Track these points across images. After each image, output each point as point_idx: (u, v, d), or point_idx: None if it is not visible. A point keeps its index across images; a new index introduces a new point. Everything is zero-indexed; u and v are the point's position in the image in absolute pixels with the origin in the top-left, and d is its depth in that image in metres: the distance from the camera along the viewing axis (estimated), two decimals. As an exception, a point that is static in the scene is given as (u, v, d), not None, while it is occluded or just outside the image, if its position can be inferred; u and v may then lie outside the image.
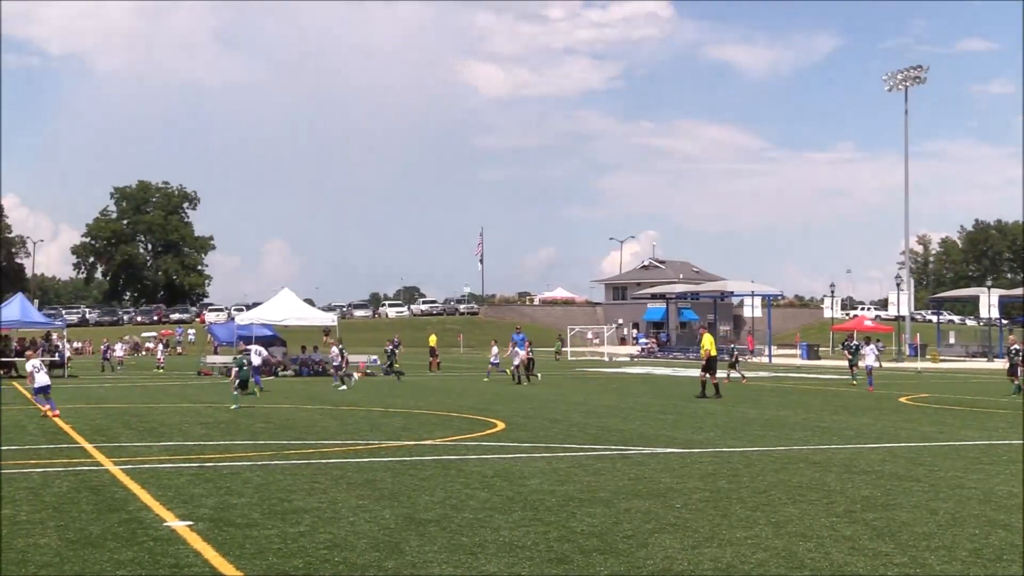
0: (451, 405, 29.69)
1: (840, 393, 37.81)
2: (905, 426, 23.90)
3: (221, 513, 12.03)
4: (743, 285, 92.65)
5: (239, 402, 28.90)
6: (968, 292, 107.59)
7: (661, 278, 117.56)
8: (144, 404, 29.98)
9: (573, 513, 12.15)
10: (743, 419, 25.44)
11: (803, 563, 9.71)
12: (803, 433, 22.12)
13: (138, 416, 25.80)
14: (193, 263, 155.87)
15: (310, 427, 23.29)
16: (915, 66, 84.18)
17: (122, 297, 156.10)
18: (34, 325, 51.42)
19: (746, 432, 22.27)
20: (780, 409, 28.86)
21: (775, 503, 12.94)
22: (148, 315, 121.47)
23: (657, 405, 30.16)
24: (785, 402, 32.09)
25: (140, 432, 21.93)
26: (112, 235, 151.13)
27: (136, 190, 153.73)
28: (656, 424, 23.94)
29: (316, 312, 59.55)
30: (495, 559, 9.80)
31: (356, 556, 9.89)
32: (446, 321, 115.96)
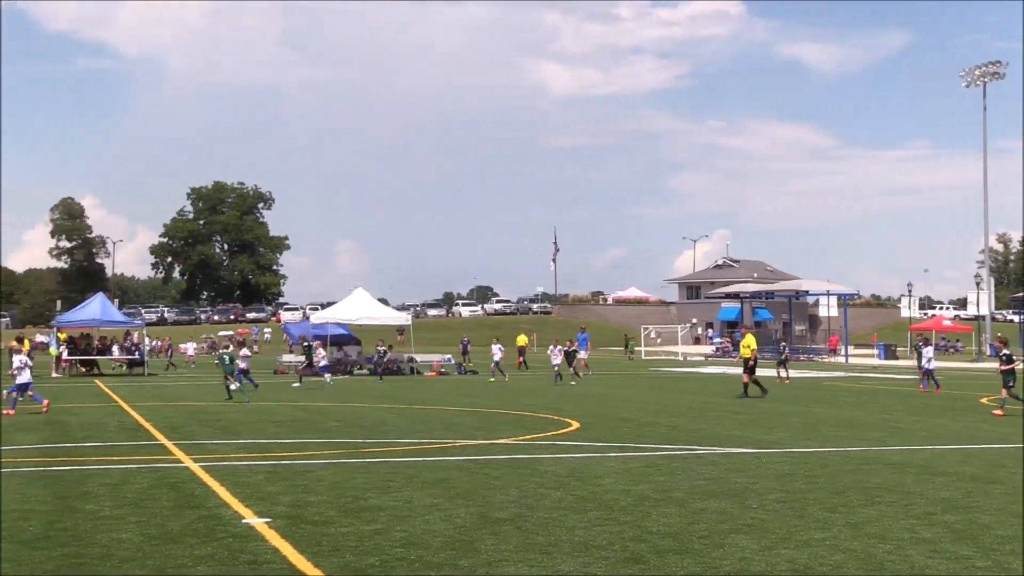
0: (524, 404, 29.70)
1: (917, 393, 37.29)
2: (984, 427, 23.52)
3: (297, 510, 12.14)
4: (818, 284, 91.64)
5: (244, 395, 30.65)
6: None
7: (735, 277, 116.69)
8: (220, 402, 30.32)
9: (647, 513, 12.10)
10: (818, 419, 25.18)
11: (882, 565, 9.59)
12: (880, 434, 21.85)
13: (214, 414, 26.12)
14: (268, 263, 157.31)
15: (383, 426, 23.43)
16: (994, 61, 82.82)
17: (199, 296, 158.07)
18: (114, 324, 52.27)
19: (821, 432, 22.05)
20: (856, 409, 28.53)
21: (852, 504, 12.80)
22: (224, 314, 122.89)
23: (731, 405, 29.94)
24: (861, 402, 31.72)
25: (216, 430, 22.20)
26: (188, 235, 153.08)
27: (212, 190, 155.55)
28: (730, 424, 23.78)
29: (390, 311, 59.91)
30: (569, 558, 9.79)
31: (430, 554, 9.93)
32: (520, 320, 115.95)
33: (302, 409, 27.97)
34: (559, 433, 21.63)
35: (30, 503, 12.68)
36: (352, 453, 18.02)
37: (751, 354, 34.22)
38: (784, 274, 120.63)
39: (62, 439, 20.25)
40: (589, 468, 16.06)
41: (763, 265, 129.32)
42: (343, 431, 22.15)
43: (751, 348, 34.34)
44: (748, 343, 34.69)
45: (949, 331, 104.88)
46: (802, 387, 40.75)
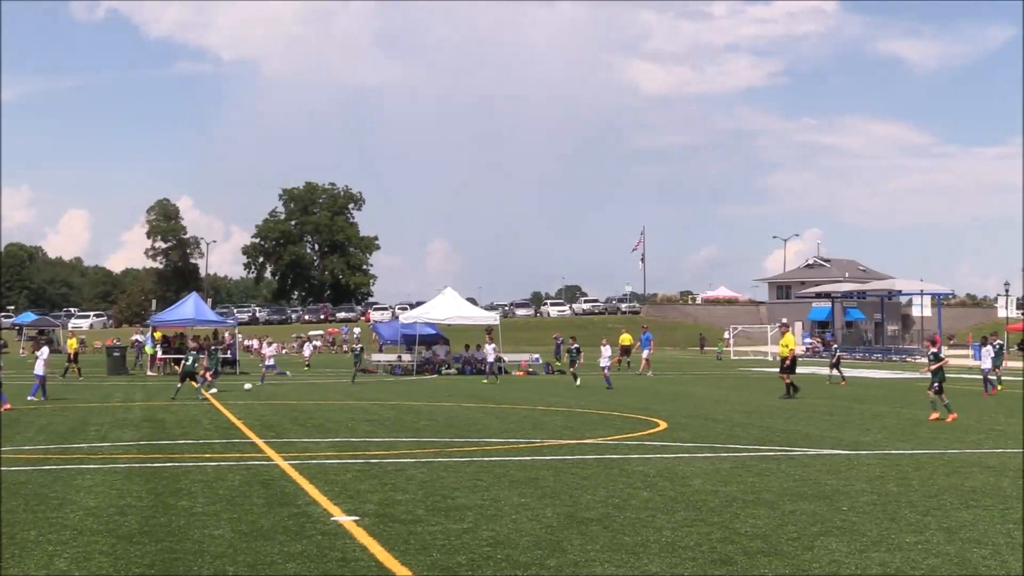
0: (613, 404, 29.62)
1: (1015, 395, 36.52)
2: (1085, 430, 22.97)
3: (386, 509, 12.24)
4: (911, 284, 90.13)
5: (204, 394, 31.36)
6: None
7: (826, 276, 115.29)
8: (311, 401, 30.67)
9: (736, 514, 12.01)
10: (912, 421, 24.78)
11: (977, 570, 9.42)
12: (976, 436, 21.45)
13: (305, 413, 26.42)
14: (358, 263, 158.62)
15: (472, 425, 23.51)
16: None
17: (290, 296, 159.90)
18: (207, 323, 53.07)
19: (915, 434, 21.69)
20: (951, 411, 27.99)
21: (947, 508, 12.58)
22: (315, 314, 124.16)
23: (822, 406, 29.57)
24: (956, 404, 31.12)
25: (307, 428, 22.46)
26: (280, 236, 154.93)
27: (303, 191, 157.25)
28: (821, 425, 23.50)
29: (478, 311, 60.04)
30: (657, 559, 9.75)
31: (518, 554, 9.95)
32: (608, 320, 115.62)
33: (394, 408, 28.18)
34: (648, 433, 21.55)
35: (128, 498, 12.95)
36: (441, 452, 18.12)
37: (789, 353, 33.52)
38: (877, 273, 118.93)
39: (159, 436, 20.63)
40: (678, 468, 15.98)
41: (855, 264, 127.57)
42: (433, 430, 22.27)
43: (789, 347, 33.74)
44: (787, 342, 34.01)
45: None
46: (896, 388, 40.12)
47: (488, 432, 21.83)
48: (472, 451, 18.32)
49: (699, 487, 14.08)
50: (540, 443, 19.61)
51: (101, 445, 18.95)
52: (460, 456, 17.60)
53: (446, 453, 17.98)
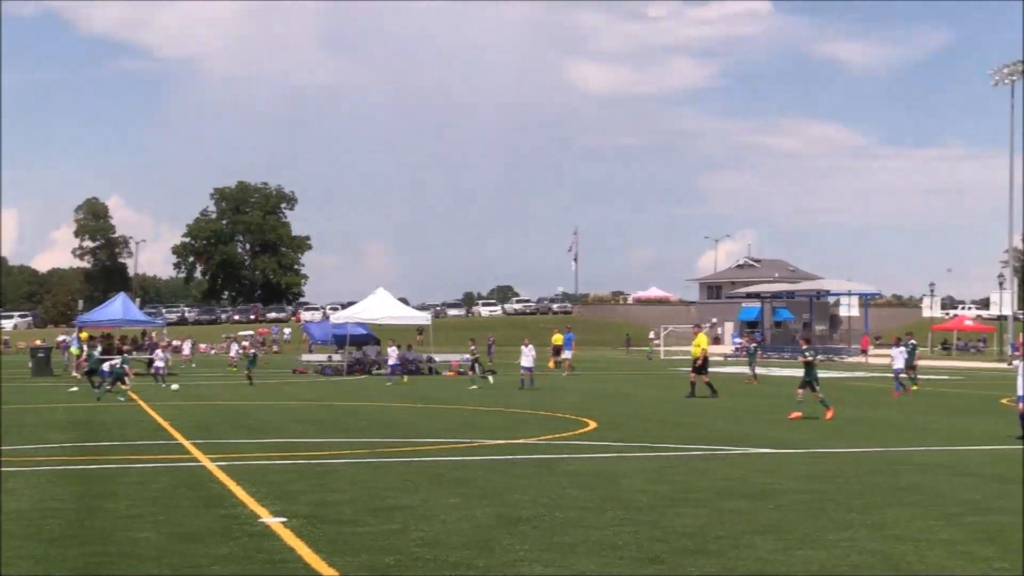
0: (545, 404, 29.68)
1: (941, 394, 37.14)
2: (1007, 428, 23.35)
3: (316, 510, 12.16)
4: (840, 284, 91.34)
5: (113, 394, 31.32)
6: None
7: (756, 277, 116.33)
8: (242, 402, 30.42)
9: (666, 513, 12.07)
10: (842, 420, 25.06)
11: (900, 567, 9.55)
12: (904, 434, 21.77)
13: (236, 414, 26.20)
14: (290, 262, 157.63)
15: (405, 425, 23.45)
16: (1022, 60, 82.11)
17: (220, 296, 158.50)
18: (135, 323, 52.46)
19: (845, 433, 21.95)
20: (879, 410, 28.41)
21: (874, 505, 12.74)
22: (245, 314, 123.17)
23: (752, 405, 29.85)
24: (884, 403, 31.59)
25: (238, 429, 22.27)
26: (211, 235, 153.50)
27: (235, 191, 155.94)
28: (751, 424, 23.71)
29: (410, 311, 59.90)
30: (588, 558, 9.77)
31: (448, 554, 9.93)
32: (540, 320, 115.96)
33: (327, 408, 28.04)
34: (579, 433, 21.61)
35: (54, 502, 12.76)
36: (373, 452, 18.04)
37: (701, 353, 33.48)
38: (806, 274, 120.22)
39: (86, 438, 20.34)
40: (609, 468, 16.04)
41: (785, 265, 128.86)
42: (365, 430, 22.18)
43: (701, 347, 33.82)
44: (699, 342, 34.08)
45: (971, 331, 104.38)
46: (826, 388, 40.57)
47: (420, 432, 21.78)
48: (404, 451, 18.27)
49: (630, 486, 14.14)
50: (472, 443, 19.59)
51: (26, 447, 18.64)
52: (392, 456, 17.54)
53: (378, 454, 17.91)
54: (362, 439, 20.36)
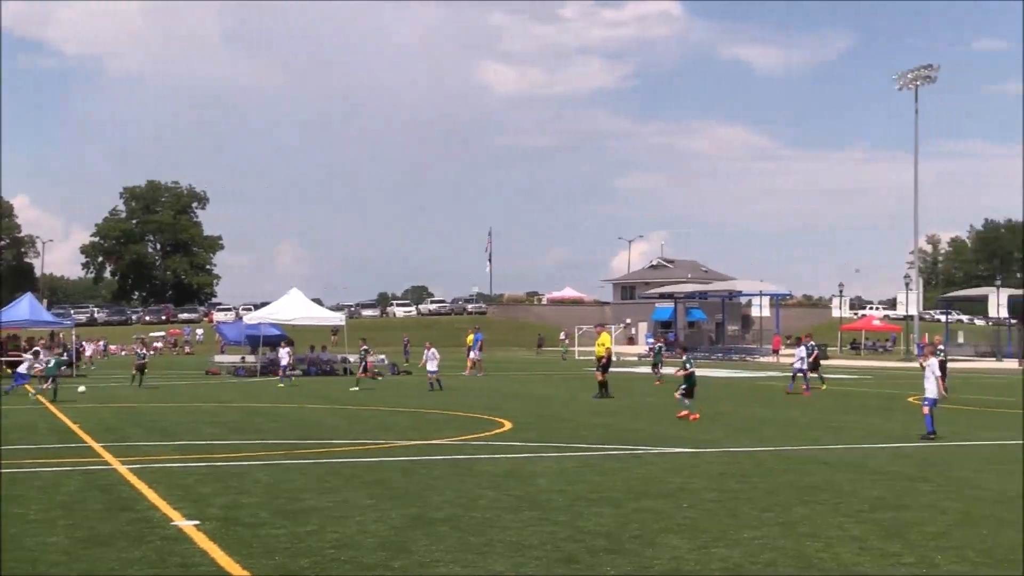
0: (460, 405, 29.67)
1: (849, 393, 37.75)
2: (915, 426, 23.81)
3: (230, 512, 12.04)
4: (751, 284, 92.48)
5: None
6: (977, 292, 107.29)
7: (670, 277, 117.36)
8: (153, 404, 30.02)
9: (581, 513, 12.13)
10: (753, 419, 25.40)
11: (812, 563, 9.69)
12: (813, 433, 22.08)
13: (147, 416, 25.84)
14: (202, 263, 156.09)
15: (319, 426, 23.31)
16: (925, 65, 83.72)
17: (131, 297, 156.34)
18: (42, 324, 51.51)
19: (756, 432, 22.23)
20: (790, 409, 28.81)
21: (785, 503, 12.91)
22: (156, 315, 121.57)
23: (666, 405, 30.09)
24: (795, 402, 32.03)
25: (150, 431, 21.95)
26: (121, 235, 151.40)
27: (146, 190, 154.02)
28: (665, 424, 23.91)
29: (324, 311, 59.57)
30: (503, 558, 9.79)
31: (363, 555, 9.89)
32: (455, 321, 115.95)
33: (240, 410, 27.76)
34: (494, 433, 21.63)
35: (-44, 507, 12.46)
36: (288, 454, 17.90)
37: (605, 352, 33.58)
38: (719, 274, 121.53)
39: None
40: (524, 468, 16.08)
41: (698, 265, 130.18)
42: (279, 432, 22.00)
43: (605, 346, 33.88)
44: (603, 341, 34.15)
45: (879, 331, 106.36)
46: (737, 387, 41.07)
47: (335, 434, 21.66)
48: (319, 453, 18.15)
49: (545, 486, 14.19)
50: (388, 444, 19.54)
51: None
52: (307, 458, 17.42)
53: (292, 455, 17.77)
54: (275, 441, 20.19)
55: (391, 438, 20.60)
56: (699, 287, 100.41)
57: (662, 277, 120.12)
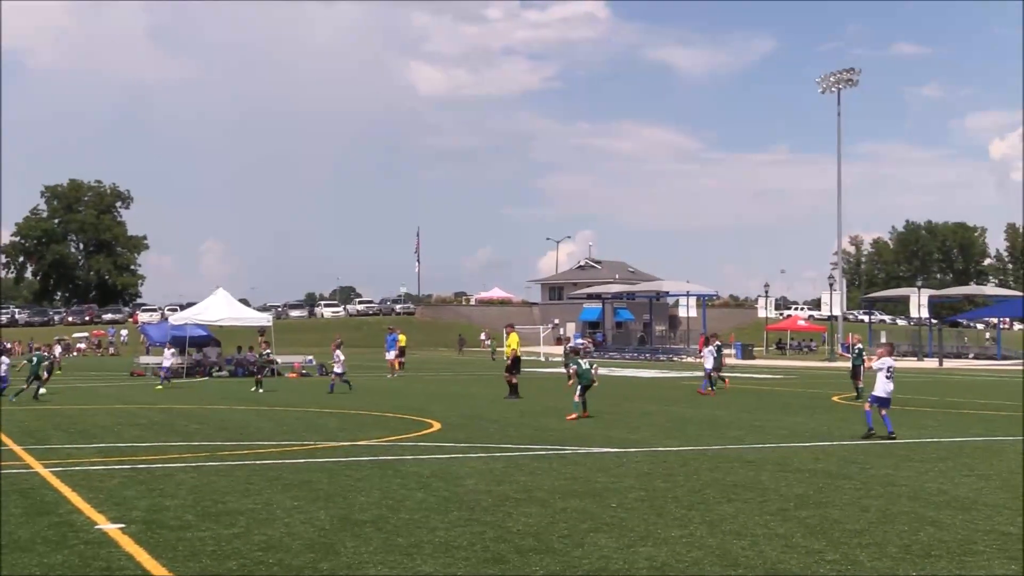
0: (388, 405, 29.59)
1: (774, 392, 38.19)
2: (838, 425, 24.17)
3: (154, 515, 11.91)
4: (678, 285, 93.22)
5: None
6: (899, 292, 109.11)
7: (597, 278, 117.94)
8: (76, 405, 29.60)
9: (509, 513, 12.16)
10: (679, 418, 25.60)
11: (737, 561, 9.80)
12: (738, 432, 22.30)
13: (69, 417, 25.47)
14: (126, 263, 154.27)
15: (245, 428, 23.13)
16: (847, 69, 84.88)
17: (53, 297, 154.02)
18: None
19: (682, 431, 22.41)
20: (715, 408, 29.06)
21: (710, 502, 13.04)
22: (79, 315, 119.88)
23: (593, 405, 30.21)
24: (720, 401, 32.32)
25: (71, 434, 21.64)
26: (43, 234, 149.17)
27: (68, 189, 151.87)
28: (591, 424, 24.02)
29: (251, 312, 59.04)
30: (431, 559, 9.79)
31: (291, 557, 9.84)
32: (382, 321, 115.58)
33: (163, 412, 27.46)
34: (422, 434, 21.60)
35: None
36: (212, 456, 17.74)
37: (512, 352, 33.54)
38: (646, 275, 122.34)
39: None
40: (452, 469, 16.08)
41: (625, 266, 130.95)
42: (204, 434, 21.79)
43: (512, 347, 33.78)
44: (511, 342, 34.09)
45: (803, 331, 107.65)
46: (663, 387, 41.36)
47: (261, 435, 21.51)
48: (244, 454, 18.02)
49: (473, 487, 14.20)
50: (314, 445, 19.44)
51: None
52: (232, 460, 17.28)
53: (217, 457, 17.62)
54: (200, 442, 20.00)
55: (318, 439, 20.50)
56: (626, 288, 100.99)
57: (590, 277, 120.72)
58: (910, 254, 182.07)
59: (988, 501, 13.24)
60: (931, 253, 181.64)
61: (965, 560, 9.90)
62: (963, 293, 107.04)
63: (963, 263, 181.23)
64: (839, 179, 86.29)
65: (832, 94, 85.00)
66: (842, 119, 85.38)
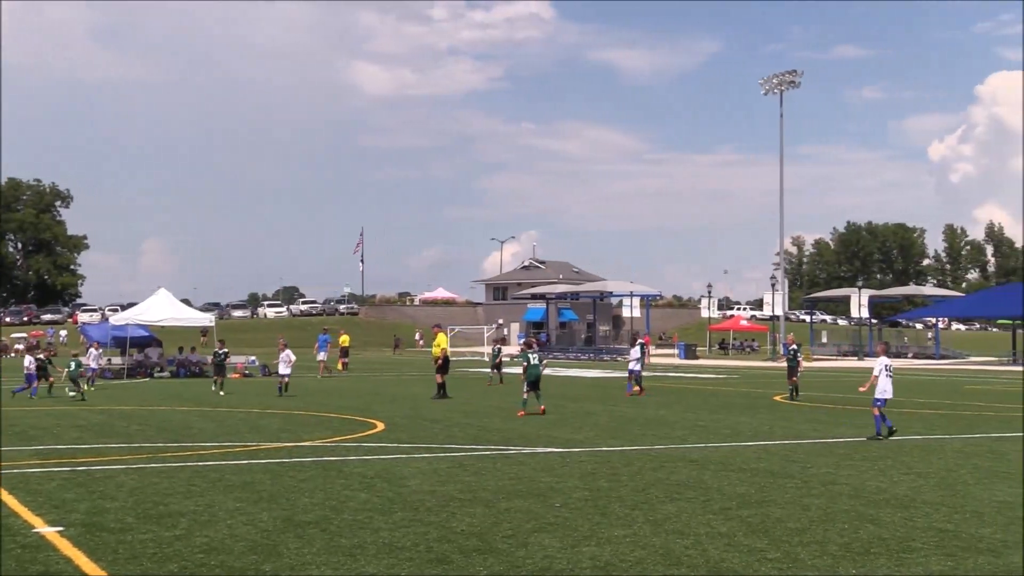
0: (331, 406, 29.47)
1: (717, 392, 38.42)
2: (780, 424, 24.37)
3: (94, 518, 11.78)
4: (622, 285, 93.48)
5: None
6: (840, 292, 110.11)
7: (541, 278, 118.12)
8: (12, 407, 29.20)
9: (453, 513, 12.15)
10: (623, 418, 25.69)
11: (680, 560, 9.85)
12: (681, 432, 22.42)
13: (6, 419, 25.12)
14: (66, 263, 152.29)
15: (187, 429, 22.93)
16: (790, 71, 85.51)
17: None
18: None
19: (626, 431, 22.49)
20: (659, 408, 29.20)
21: (653, 501, 13.10)
22: (17, 316, 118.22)
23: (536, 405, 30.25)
24: (664, 401, 32.48)
25: (8, 436, 21.34)
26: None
27: (6, 188, 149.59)
28: (536, 424, 24.05)
29: (193, 312, 58.61)
30: (375, 560, 9.76)
31: (233, 559, 9.77)
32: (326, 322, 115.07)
33: (104, 413, 27.16)
34: (366, 434, 21.54)
35: None
36: (154, 457, 17.57)
37: (440, 353, 33.58)
38: (590, 275, 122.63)
39: None
40: (396, 469, 16.04)
41: (569, 266, 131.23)
42: (145, 435, 21.58)
43: (441, 347, 33.83)
44: (439, 342, 34.08)
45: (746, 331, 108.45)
46: (608, 387, 41.50)
47: (203, 436, 21.34)
48: (186, 456, 17.86)
49: (416, 487, 14.18)
50: (256, 446, 19.32)
51: None
52: (173, 461, 17.12)
53: (159, 459, 17.45)
54: (141, 444, 19.80)
55: (260, 440, 20.38)
56: (570, 288, 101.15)
57: (534, 278, 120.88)
58: (851, 255, 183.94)
59: (926, 499, 13.41)
60: (871, 254, 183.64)
61: (904, 557, 10.03)
62: (903, 293, 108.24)
63: (903, 264, 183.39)
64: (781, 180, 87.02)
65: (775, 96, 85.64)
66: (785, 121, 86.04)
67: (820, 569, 9.55)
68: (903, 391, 38.91)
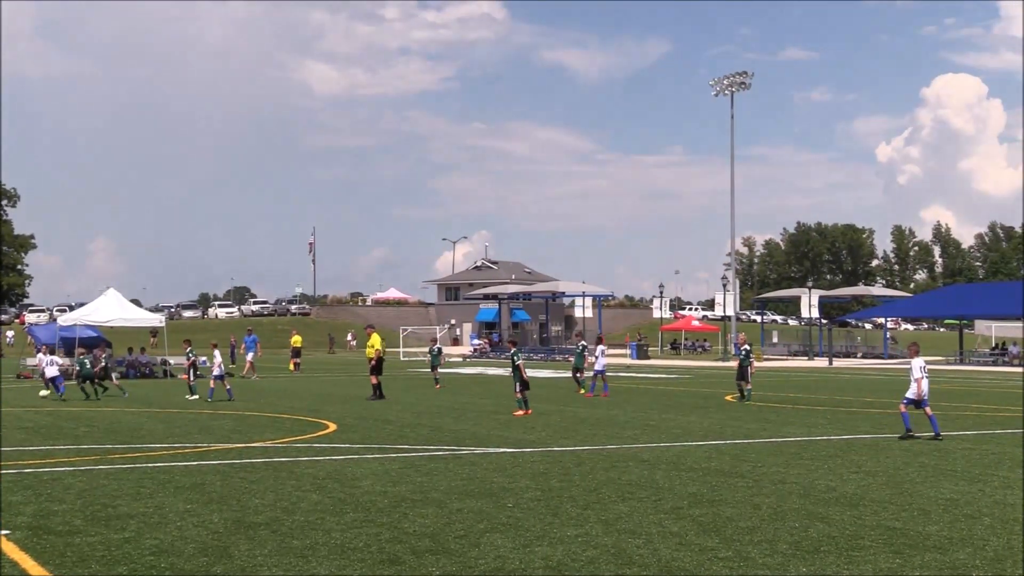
0: (282, 407, 29.33)
1: (668, 392, 38.59)
2: (731, 423, 24.50)
3: (41, 521, 11.66)
4: (574, 286, 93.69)
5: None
6: (790, 293, 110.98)
7: (493, 278, 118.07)
8: (-41, 408, 28.85)
9: (405, 514, 12.13)
10: (575, 418, 25.74)
11: (632, 559, 9.88)
12: (633, 431, 22.49)
13: (-47, 421, 24.82)
14: (12, 263, 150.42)
15: (135, 430, 22.74)
16: (740, 72, 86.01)
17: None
18: None
19: (577, 431, 22.54)
20: (610, 408, 29.27)
21: (605, 501, 13.13)
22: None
23: (489, 405, 30.29)
24: (615, 401, 32.57)
25: (-45, 438, 21.09)
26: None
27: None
28: (488, 424, 24.05)
29: (143, 313, 58.13)
30: (326, 561, 9.73)
31: (183, 562, 9.70)
32: (277, 322, 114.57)
33: (50, 414, 26.88)
34: (318, 435, 21.45)
35: None
36: (102, 459, 17.42)
37: (375, 354, 33.53)
38: (542, 276, 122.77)
39: None
40: (347, 470, 15.99)
41: (521, 267, 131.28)
42: (93, 436, 21.38)
43: (375, 347, 33.76)
44: (373, 343, 34.00)
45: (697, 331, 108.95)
46: (561, 387, 41.55)
47: (152, 437, 21.17)
48: (135, 457, 17.72)
49: (368, 488, 14.14)
50: (207, 447, 19.20)
51: None
52: (122, 463, 16.97)
53: (107, 460, 17.30)
54: (89, 445, 19.62)
55: (210, 441, 20.25)
56: (523, 288, 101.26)
57: (486, 278, 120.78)
58: (801, 255, 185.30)
59: (875, 497, 13.54)
60: (821, 254, 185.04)
61: (853, 555, 10.11)
62: (852, 294, 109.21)
63: (852, 264, 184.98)
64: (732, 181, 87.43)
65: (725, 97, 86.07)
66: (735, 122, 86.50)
67: (770, 567, 9.62)
68: (854, 391, 39.29)
